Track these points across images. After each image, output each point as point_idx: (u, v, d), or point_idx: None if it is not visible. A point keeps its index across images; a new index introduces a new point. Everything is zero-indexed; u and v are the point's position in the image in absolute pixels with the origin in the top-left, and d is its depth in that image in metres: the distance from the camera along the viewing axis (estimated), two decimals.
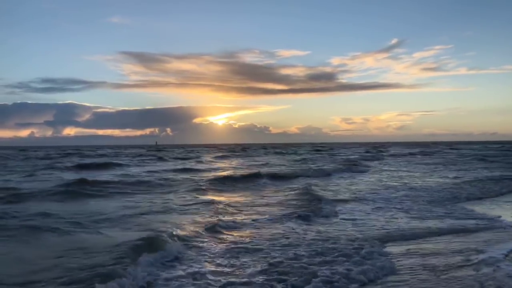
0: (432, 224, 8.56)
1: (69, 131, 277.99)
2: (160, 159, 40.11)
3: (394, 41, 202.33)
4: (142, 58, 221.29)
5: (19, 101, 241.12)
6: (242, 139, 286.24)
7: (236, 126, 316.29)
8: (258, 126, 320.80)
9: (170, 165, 30.70)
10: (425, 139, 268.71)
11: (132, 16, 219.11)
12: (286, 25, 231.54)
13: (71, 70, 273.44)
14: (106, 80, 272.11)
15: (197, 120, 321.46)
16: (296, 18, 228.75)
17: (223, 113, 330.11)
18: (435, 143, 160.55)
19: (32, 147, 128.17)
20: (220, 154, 53.73)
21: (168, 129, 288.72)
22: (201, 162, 36.36)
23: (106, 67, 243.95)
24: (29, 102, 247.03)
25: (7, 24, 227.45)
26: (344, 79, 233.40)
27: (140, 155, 51.65)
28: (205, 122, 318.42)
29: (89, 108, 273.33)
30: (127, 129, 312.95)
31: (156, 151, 68.08)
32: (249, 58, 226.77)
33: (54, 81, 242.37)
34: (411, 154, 48.73)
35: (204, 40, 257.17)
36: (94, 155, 50.28)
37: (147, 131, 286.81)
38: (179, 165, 30.11)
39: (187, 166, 28.04)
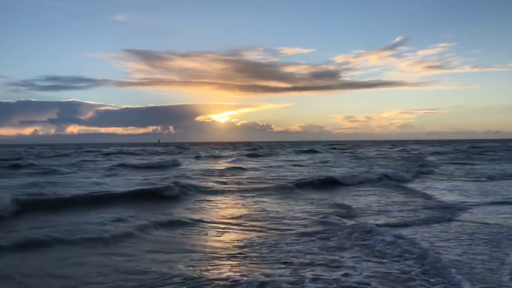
0: None
1: (72, 129, 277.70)
2: (198, 157, 39.48)
3: (398, 39, 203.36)
4: (146, 56, 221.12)
5: (22, 99, 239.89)
6: (244, 137, 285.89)
7: (239, 124, 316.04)
8: (261, 124, 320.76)
9: (222, 162, 30.29)
10: (428, 137, 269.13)
11: (136, 14, 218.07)
12: (290, 23, 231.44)
13: (75, 68, 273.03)
14: (110, 78, 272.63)
15: (199, 118, 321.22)
16: (300, 16, 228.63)
17: (225, 111, 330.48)
18: (440, 141, 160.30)
19: (37, 145, 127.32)
20: (246, 152, 53.17)
21: (171, 127, 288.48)
22: (242, 160, 35.80)
23: (110, 65, 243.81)
24: (33, 100, 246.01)
25: (11, 22, 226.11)
26: (347, 77, 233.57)
27: (165, 153, 51.28)
28: (208, 120, 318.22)
29: (92, 106, 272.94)
30: (130, 127, 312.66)
31: (180, 149, 67.50)
32: (253, 56, 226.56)
33: (58, 79, 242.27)
34: (456, 151, 47.70)
35: (208, 38, 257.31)
36: (127, 152, 49.52)
37: (150, 129, 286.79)
38: (228, 163, 29.79)
39: (242, 165, 27.47)
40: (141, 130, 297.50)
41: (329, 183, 15.82)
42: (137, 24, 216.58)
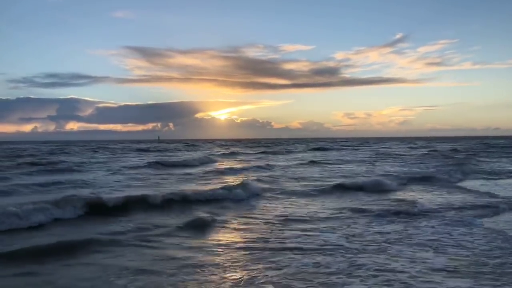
0: None
1: (72, 126, 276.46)
2: (224, 155, 39.47)
3: (398, 35, 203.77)
4: (146, 53, 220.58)
5: (22, 96, 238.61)
6: (244, 134, 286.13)
7: (238, 121, 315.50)
8: (260, 121, 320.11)
9: (250, 160, 30.41)
10: (427, 134, 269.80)
11: (136, 11, 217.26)
12: (291, 20, 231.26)
13: (75, 65, 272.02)
14: (110, 75, 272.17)
15: (199, 115, 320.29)
16: (301, 13, 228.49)
17: (225, 108, 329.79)
18: (439, 138, 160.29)
19: (36, 142, 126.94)
20: (261, 149, 53.28)
21: (171, 124, 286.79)
22: (267, 159, 35.84)
23: (110, 61, 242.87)
24: (32, 97, 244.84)
25: (11, 19, 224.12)
26: (347, 73, 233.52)
27: (179, 150, 51.25)
28: (207, 117, 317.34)
29: (91, 103, 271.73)
30: (130, 124, 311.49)
31: (188, 146, 67.42)
32: (253, 53, 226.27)
33: (58, 76, 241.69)
34: (473, 147, 47.63)
35: (208, 35, 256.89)
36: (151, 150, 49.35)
37: (150, 126, 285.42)
38: (258, 160, 29.90)
39: (272, 163, 27.60)
40: (140, 127, 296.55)
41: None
42: (137, 21, 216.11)
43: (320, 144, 72.65)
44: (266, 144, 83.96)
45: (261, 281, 5.08)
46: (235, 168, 22.80)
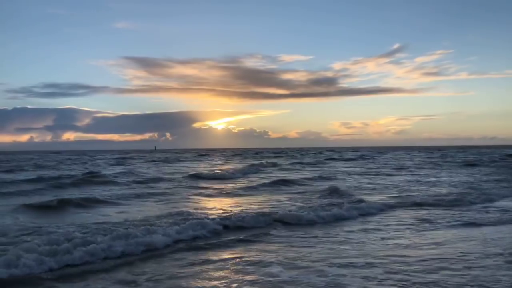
0: None
1: (69, 135, 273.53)
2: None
3: (396, 46, 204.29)
4: (145, 63, 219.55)
5: (19, 106, 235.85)
6: (242, 144, 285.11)
7: (236, 130, 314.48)
8: (258, 130, 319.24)
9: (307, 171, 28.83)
10: (424, 144, 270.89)
11: (136, 21, 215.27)
12: (289, 30, 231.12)
13: (74, 75, 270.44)
14: (109, 85, 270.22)
15: (196, 125, 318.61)
16: (299, 23, 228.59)
17: (223, 117, 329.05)
18: (434, 147, 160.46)
19: (33, 152, 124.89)
20: (294, 161, 51.55)
21: (168, 134, 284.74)
22: (303, 169, 34.10)
23: (109, 72, 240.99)
24: (29, 107, 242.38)
25: (10, 29, 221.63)
26: (345, 83, 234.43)
27: (196, 160, 49.67)
28: (205, 127, 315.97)
29: (89, 112, 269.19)
30: (127, 134, 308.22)
31: (198, 156, 65.82)
32: (251, 63, 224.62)
33: (57, 86, 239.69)
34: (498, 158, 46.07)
35: (207, 45, 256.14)
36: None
37: (147, 135, 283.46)
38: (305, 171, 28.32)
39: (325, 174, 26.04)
40: (138, 137, 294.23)
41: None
42: (137, 31, 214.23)
43: (327, 154, 71.22)
44: (271, 153, 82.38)
45: None
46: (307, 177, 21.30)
